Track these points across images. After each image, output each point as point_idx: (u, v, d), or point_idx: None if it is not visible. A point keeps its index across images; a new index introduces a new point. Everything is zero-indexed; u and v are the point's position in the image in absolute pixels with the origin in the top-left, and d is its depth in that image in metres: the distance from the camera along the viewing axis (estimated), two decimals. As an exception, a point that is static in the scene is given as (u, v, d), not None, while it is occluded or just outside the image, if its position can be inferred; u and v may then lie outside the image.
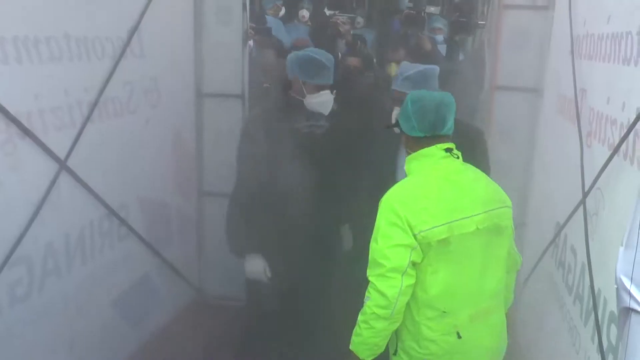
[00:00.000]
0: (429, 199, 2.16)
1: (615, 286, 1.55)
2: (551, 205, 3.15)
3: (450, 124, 2.27)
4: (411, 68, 2.94)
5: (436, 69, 2.98)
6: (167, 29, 3.54)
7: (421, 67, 2.96)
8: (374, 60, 4.78)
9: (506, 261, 2.34)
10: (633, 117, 1.92)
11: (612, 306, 2.08)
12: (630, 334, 1.47)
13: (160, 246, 3.66)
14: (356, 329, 2.18)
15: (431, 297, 2.15)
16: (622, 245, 1.54)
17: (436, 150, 2.24)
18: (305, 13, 5.79)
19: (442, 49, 5.05)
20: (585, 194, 2.45)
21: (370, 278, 2.12)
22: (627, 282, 1.49)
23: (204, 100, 4.03)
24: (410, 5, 6.10)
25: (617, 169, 2.15)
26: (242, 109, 3.94)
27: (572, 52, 2.93)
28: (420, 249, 2.11)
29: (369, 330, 2.13)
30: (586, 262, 2.37)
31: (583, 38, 2.80)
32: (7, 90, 2.31)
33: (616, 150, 2.10)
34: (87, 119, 2.81)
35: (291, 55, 3.09)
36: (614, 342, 2.06)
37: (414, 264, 2.11)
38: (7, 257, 2.40)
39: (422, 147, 2.25)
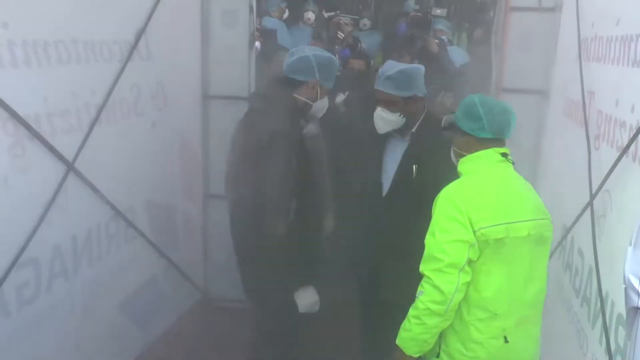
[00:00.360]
0: (488, 198, 2.17)
1: (624, 286, 1.54)
2: (558, 208, 3.13)
3: (512, 130, 2.30)
4: (393, 67, 2.81)
5: (421, 68, 2.87)
6: (174, 31, 3.55)
7: (403, 66, 2.86)
8: (372, 62, 4.76)
9: (546, 273, 2.31)
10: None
11: (620, 309, 2.08)
12: (639, 333, 1.46)
13: (166, 248, 3.67)
14: (405, 324, 2.14)
15: (484, 297, 2.13)
16: (630, 245, 1.53)
17: (494, 153, 2.25)
18: (310, 15, 5.78)
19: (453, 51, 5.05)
20: (592, 196, 2.44)
21: (425, 272, 2.09)
22: (635, 282, 1.48)
23: (210, 102, 4.03)
24: (417, 7, 6.11)
25: (625, 171, 2.14)
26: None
27: (579, 54, 2.92)
28: (478, 247, 2.10)
29: (420, 326, 2.10)
30: (593, 265, 2.37)
31: (591, 40, 2.79)
32: (16, 93, 2.33)
33: (625, 151, 2.10)
34: (95, 121, 2.82)
35: (307, 56, 2.86)
36: (621, 344, 2.05)
37: (470, 262, 2.09)
38: (15, 259, 2.41)
39: (480, 149, 2.26)
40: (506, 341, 2.16)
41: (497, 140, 2.26)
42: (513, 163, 2.30)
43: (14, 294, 2.45)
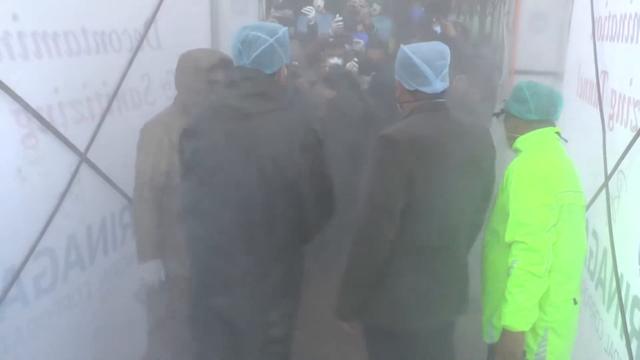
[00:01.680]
0: (557, 167, 2.27)
1: (639, 267, 1.52)
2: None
3: (559, 113, 2.42)
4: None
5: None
6: (183, 20, 3.55)
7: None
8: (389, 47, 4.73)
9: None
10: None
11: (636, 290, 2.05)
12: None
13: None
14: (507, 298, 2.16)
15: (562, 260, 2.20)
16: None
17: (550, 131, 2.37)
18: (320, 2, 5.70)
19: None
20: (607, 177, 2.41)
21: (517, 238, 2.15)
22: None
23: (221, 90, 4.02)
24: None
25: (640, 152, 2.11)
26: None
27: (593, 33, 2.86)
28: (557, 211, 2.18)
29: (522, 293, 2.13)
30: (608, 247, 2.34)
31: (605, 19, 2.74)
32: (27, 84, 2.33)
33: None
34: (106, 111, 2.83)
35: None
36: (637, 326, 2.03)
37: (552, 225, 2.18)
38: (32, 249, 2.43)
39: (534, 129, 2.36)
40: (575, 302, 2.28)
41: (544, 122, 2.37)
42: (566, 141, 2.45)
43: (32, 283, 2.48)
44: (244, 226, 2.24)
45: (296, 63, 4.00)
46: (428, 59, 2.17)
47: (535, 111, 2.36)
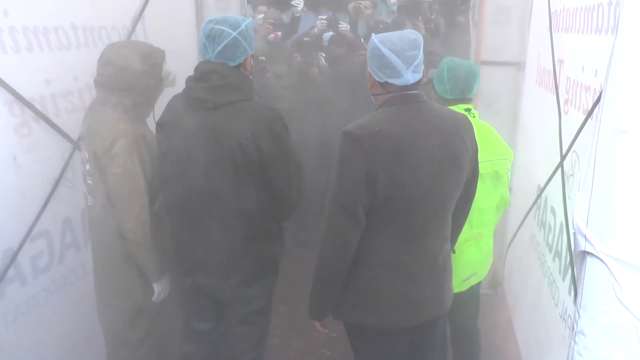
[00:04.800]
0: None
1: (573, 231, 1.54)
2: (533, 170, 3.15)
3: (474, 91, 2.64)
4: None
5: None
6: (170, 16, 3.51)
7: None
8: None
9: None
10: (604, 82, 1.91)
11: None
12: (586, 277, 1.47)
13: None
14: None
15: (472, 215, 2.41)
16: (578, 190, 1.53)
17: (460, 109, 2.49)
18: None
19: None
20: (562, 157, 2.45)
21: None
22: (582, 226, 1.48)
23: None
24: None
25: (591, 132, 2.13)
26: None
27: (550, 26, 2.89)
28: None
29: None
30: (564, 222, 2.38)
31: (560, 12, 2.76)
32: (20, 77, 2.31)
33: (589, 114, 2.09)
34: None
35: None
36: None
37: None
38: (29, 232, 2.43)
39: (449, 106, 2.50)
40: (454, 252, 2.36)
41: (458, 100, 2.59)
42: (475, 116, 2.58)
43: (30, 263, 2.48)
44: (218, 209, 2.26)
45: (263, 58, 4.02)
46: (397, 49, 1.95)
47: (450, 92, 2.59)
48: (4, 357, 2.34)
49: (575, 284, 2.15)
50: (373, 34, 2.06)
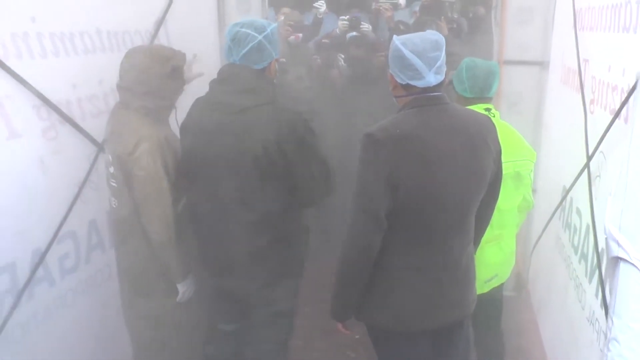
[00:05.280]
0: None
1: (605, 236, 1.50)
2: (558, 171, 3.10)
3: (494, 90, 2.63)
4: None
5: None
6: (192, 20, 3.54)
7: None
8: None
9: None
10: (633, 82, 1.86)
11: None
12: (619, 283, 1.43)
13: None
14: None
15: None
16: (610, 194, 1.49)
17: (480, 109, 2.48)
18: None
19: None
20: (589, 158, 2.40)
21: None
22: (615, 231, 1.45)
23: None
24: None
25: (618, 132, 2.09)
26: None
27: (574, 24, 2.84)
28: None
29: None
30: (590, 223, 2.33)
31: (585, 10, 2.71)
32: (47, 81, 2.35)
33: (617, 114, 2.04)
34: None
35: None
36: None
37: None
38: (56, 233, 2.46)
39: (469, 105, 2.51)
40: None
41: (478, 99, 2.59)
42: (495, 116, 2.53)
43: (57, 264, 2.51)
44: (243, 212, 2.26)
45: (284, 60, 4.02)
46: (419, 51, 1.92)
47: (470, 91, 2.59)
48: (32, 356, 2.38)
49: (602, 286, 2.10)
50: (394, 36, 2.03)
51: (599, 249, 2.21)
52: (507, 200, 2.54)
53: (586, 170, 2.44)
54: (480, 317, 2.65)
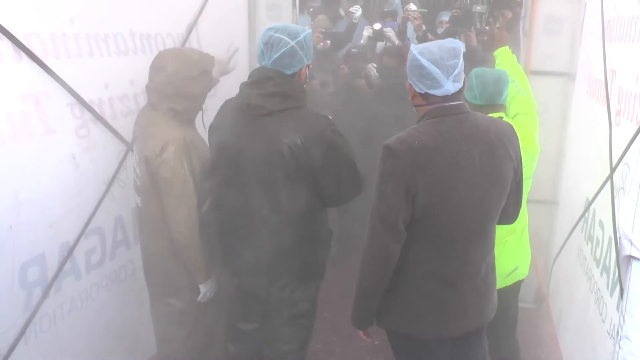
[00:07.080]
0: None
1: (618, 235, 1.49)
2: (581, 183, 3.05)
3: (505, 96, 2.63)
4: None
5: None
6: (223, 24, 3.60)
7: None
8: None
9: None
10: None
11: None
12: (631, 281, 1.42)
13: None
14: None
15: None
16: (624, 195, 1.48)
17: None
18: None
19: None
20: (612, 170, 2.36)
21: None
22: (628, 231, 1.43)
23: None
24: (457, 5, 6.00)
25: (643, 144, 2.06)
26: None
27: (602, 35, 2.81)
28: None
29: None
30: (612, 236, 2.29)
31: (614, 21, 2.67)
32: (81, 80, 2.42)
33: (643, 125, 2.01)
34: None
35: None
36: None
37: None
38: (84, 228, 2.53)
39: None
40: None
41: (490, 106, 2.57)
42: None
43: (84, 258, 2.58)
44: (268, 213, 2.29)
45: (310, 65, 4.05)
46: (436, 59, 1.90)
47: (480, 98, 2.58)
48: (58, 346, 2.44)
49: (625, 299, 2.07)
50: (412, 45, 2.02)
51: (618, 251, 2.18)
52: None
53: (609, 181, 2.41)
54: (496, 326, 2.63)
